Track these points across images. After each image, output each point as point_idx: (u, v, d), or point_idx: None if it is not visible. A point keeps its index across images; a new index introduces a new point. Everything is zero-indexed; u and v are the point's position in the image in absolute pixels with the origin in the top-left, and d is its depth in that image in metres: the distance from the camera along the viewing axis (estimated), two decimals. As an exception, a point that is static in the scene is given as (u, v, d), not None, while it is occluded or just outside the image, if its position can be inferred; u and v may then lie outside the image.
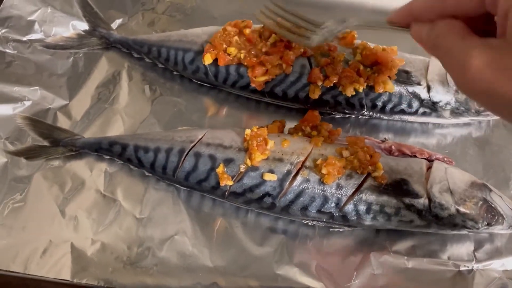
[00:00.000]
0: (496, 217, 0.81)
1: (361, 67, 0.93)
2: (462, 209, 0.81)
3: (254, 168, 0.83)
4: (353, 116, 1.00)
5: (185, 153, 0.86)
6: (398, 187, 0.82)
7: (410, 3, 0.67)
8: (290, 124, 0.94)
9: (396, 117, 0.98)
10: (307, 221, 0.86)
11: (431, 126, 1.01)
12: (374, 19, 0.79)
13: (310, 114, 0.93)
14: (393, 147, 0.90)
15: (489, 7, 0.56)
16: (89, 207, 0.89)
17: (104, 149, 0.91)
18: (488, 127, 1.01)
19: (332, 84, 0.92)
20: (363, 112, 0.97)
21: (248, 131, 0.85)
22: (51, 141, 0.92)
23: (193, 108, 1.02)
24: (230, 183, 0.83)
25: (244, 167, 0.83)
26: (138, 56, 1.05)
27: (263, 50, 0.92)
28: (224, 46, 0.94)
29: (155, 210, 0.89)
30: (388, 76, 0.93)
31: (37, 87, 0.99)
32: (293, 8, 0.89)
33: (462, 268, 0.84)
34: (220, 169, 0.83)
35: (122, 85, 1.02)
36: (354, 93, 0.92)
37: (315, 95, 0.94)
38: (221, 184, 0.83)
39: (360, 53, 0.94)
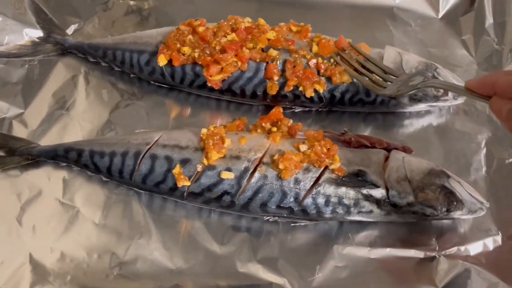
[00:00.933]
0: (454, 203, 0.82)
1: (319, 60, 0.93)
2: (420, 197, 0.81)
3: (211, 167, 0.82)
4: (314, 109, 1.00)
5: (141, 156, 0.85)
6: (356, 179, 0.81)
7: (494, 77, 0.68)
8: (253, 121, 0.94)
9: (356, 107, 0.98)
10: (268, 217, 0.86)
11: (392, 115, 1.01)
12: (451, 82, 0.82)
13: (275, 112, 0.92)
14: (352, 139, 0.90)
15: None
16: (47, 216, 0.87)
17: (60, 156, 0.90)
18: (449, 114, 1.02)
19: (291, 88, 0.92)
20: (322, 104, 0.97)
21: (204, 130, 0.85)
22: (6, 150, 0.91)
23: (154, 111, 1.01)
24: (188, 183, 0.82)
25: (201, 166, 0.82)
26: (95, 60, 1.04)
27: (217, 48, 0.91)
28: (178, 45, 0.93)
29: (115, 215, 0.88)
30: (345, 67, 0.93)
31: (-10, 97, 0.98)
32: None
33: (425, 256, 0.84)
34: (176, 170, 0.82)
35: (79, 90, 1.01)
36: (313, 94, 0.93)
37: (273, 91, 0.93)
38: (178, 185, 0.82)
39: (317, 44, 0.94)
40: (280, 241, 0.86)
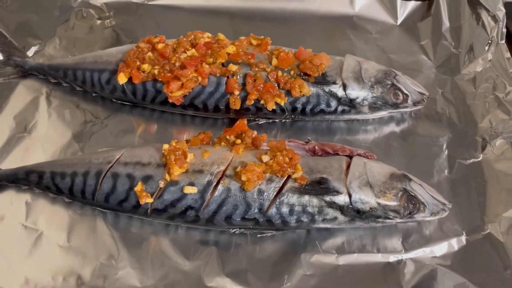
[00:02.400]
0: (417, 206, 0.83)
1: (279, 73, 0.94)
2: (382, 201, 0.82)
3: (173, 183, 0.82)
4: (277, 120, 1.00)
5: (102, 175, 0.84)
6: (318, 186, 0.82)
7: None
8: (218, 135, 0.93)
9: (318, 117, 0.99)
10: (234, 230, 0.86)
11: (356, 123, 1.02)
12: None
13: (239, 124, 0.93)
14: (316, 147, 0.91)
15: None
16: (10, 241, 0.85)
17: (21, 179, 0.89)
18: (411, 118, 1.03)
19: (252, 102, 0.93)
20: (285, 116, 0.98)
21: (166, 146, 0.85)
22: (-34, 177, 0.89)
23: (119, 129, 1.00)
24: (150, 200, 0.82)
25: (163, 182, 0.82)
26: (56, 81, 1.03)
27: (177, 64, 0.92)
28: (138, 63, 0.93)
29: (80, 236, 0.86)
30: (305, 78, 0.94)
31: (-51, 123, 0.96)
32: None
33: (392, 259, 0.85)
34: (138, 187, 0.82)
35: (40, 112, 1.00)
36: (275, 107, 0.93)
37: (236, 106, 0.94)
38: (141, 203, 0.82)
39: (276, 57, 0.95)
40: (249, 253, 0.86)
